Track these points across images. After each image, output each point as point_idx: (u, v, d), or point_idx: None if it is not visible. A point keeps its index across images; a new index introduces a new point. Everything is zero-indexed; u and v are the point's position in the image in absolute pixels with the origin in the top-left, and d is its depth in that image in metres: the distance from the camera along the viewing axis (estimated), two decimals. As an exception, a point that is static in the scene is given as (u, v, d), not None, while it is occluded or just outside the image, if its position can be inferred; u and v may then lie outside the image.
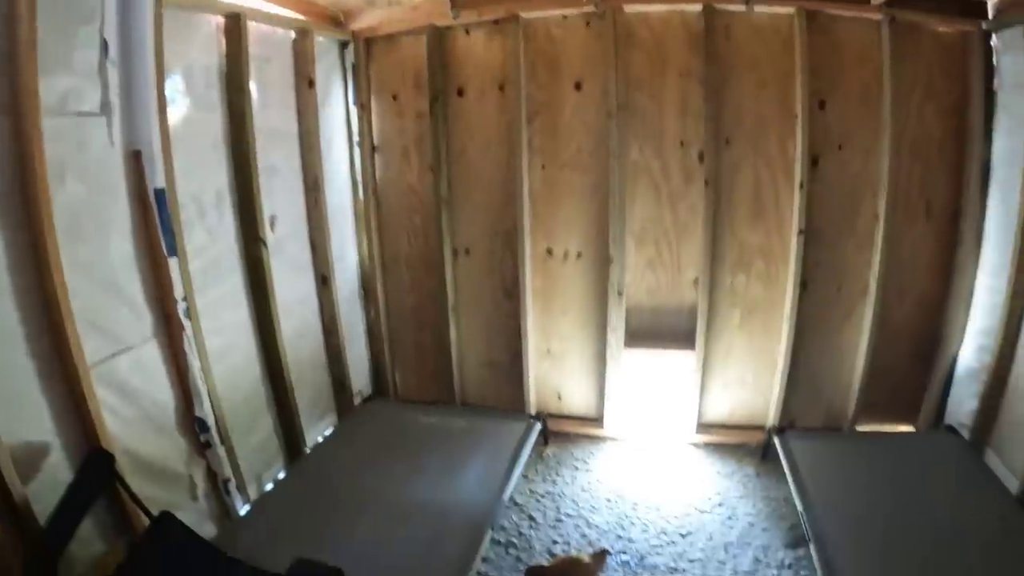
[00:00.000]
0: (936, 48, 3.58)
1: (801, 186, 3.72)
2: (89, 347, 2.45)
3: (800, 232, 3.78)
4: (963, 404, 3.74)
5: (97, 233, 2.58)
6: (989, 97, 3.50)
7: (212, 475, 3.11)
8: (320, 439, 3.99)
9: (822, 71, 3.66)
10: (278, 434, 3.68)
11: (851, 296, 3.92)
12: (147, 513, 2.48)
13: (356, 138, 4.24)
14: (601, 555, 2.59)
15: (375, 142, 4.27)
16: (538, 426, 4.11)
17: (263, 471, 3.52)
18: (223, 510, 3.16)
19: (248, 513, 3.23)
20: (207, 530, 2.98)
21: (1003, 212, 3.45)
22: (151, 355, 2.83)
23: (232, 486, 3.17)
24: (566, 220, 4.17)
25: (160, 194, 2.73)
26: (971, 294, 3.72)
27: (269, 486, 3.52)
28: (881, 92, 3.58)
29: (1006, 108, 3.42)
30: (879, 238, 3.72)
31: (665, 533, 3.47)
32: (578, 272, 4.25)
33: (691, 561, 3.26)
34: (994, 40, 3.43)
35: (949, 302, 3.82)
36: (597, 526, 3.54)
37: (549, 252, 4.24)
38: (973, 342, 3.72)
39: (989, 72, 3.47)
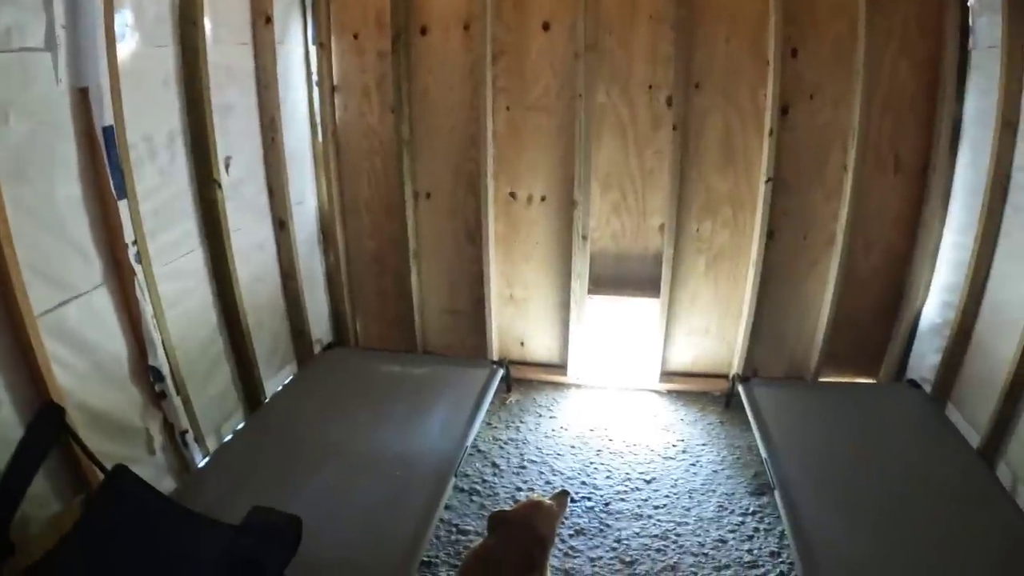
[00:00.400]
0: (913, 3, 3.51)
1: (771, 133, 3.67)
2: (35, 295, 2.32)
3: (768, 180, 3.74)
4: (925, 358, 3.80)
5: (42, 175, 2.42)
6: (964, 56, 3.46)
7: (169, 427, 3.01)
8: (279, 388, 3.90)
9: (796, 18, 3.57)
10: (236, 384, 3.58)
11: (817, 246, 3.92)
12: (102, 468, 2.41)
13: (315, 78, 4.06)
14: (562, 496, 2.59)
15: (335, 82, 4.11)
16: (500, 372, 4.08)
17: (222, 422, 3.44)
18: (181, 463, 3.08)
19: (206, 465, 3.16)
20: (166, 484, 2.90)
21: (972, 172, 3.45)
22: (101, 302, 2.69)
23: (190, 438, 3.09)
24: (530, 163, 4.08)
25: (108, 132, 2.57)
26: (937, 250, 3.75)
27: (228, 438, 3.44)
28: (855, 43, 3.51)
29: (980, 69, 3.39)
30: (847, 189, 3.69)
31: (629, 479, 3.49)
32: (542, 216, 4.18)
33: (656, 507, 3.29)
34: (971, 0, 3.38)
35: (915, 256, 3.83)
36: (561, 472, 3.55)
37: (513, 196, 4.16)
38: (937, 298, 3.76)
39: (965, 31, 3.43)
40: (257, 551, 2.01)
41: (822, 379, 4.09)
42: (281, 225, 3.86)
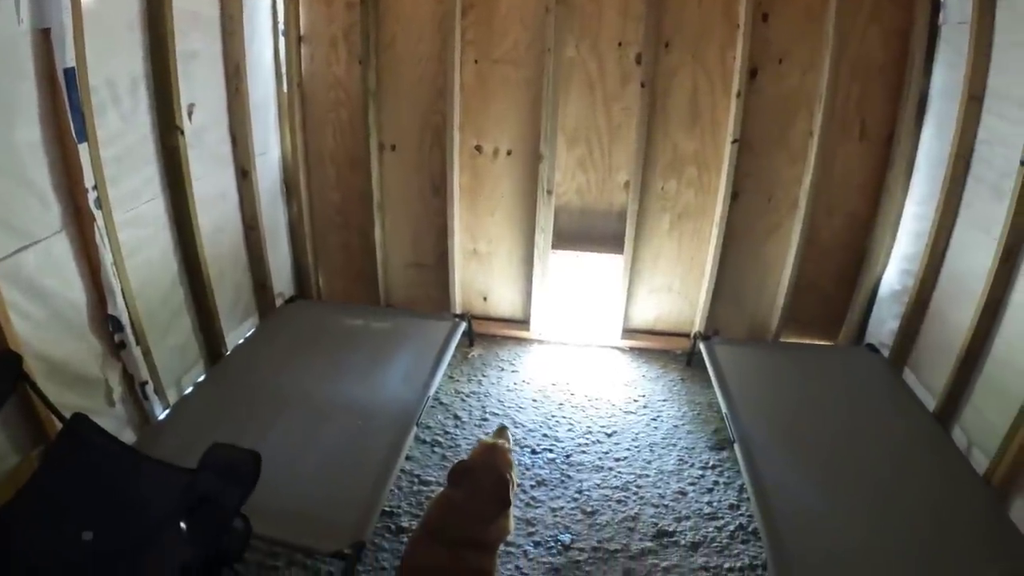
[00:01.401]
0: (885, -27, 3.53)
1: (738, 95, 3.68)
2: (-7, 241, 2.27)
3: (734, 141, 3.77)
4: (884, 324, 3.89)
5: (1, 117, 2.34)
6: (933, 30, 3.49)
7: (129, 378, 2.98)
8: (241, 341, 3.86)
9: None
10: (197, 336, 3.55)
11: (781, 209, 3.97)
12: (60, 417, 2.37)
13: (282, 27, 3.95)
14: (503, 431, 2.64)
15: (301, 32, 4.02)
16: (463, 325, 4.09)
17: (182, 375, 3.41)
18: (142, 416, 3.06)
19: (167, 417, 3.13)
20: (126, 437, 2.87)
21: (937, 144, 3.50)
22: (60, 249, 2.63)
23: (150, 389, 3.06)
24: (497, 117, 4.06)
25: (70, 74, 2.50)
26: (899, 218, 3.81)
27: (189, 390, 3.40)
28: (826, 9, 3.53)
29: (948, 43, 3.42)
30: (812, 154, 3.74)
31: (591, 432, 3.56)
32: (508, 170, 4.17)
33: (617, 460, 3.36)
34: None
35: (876, 224, 3.90)
36: (523, 425, 3.60)
37: (479, 149, 4.14)
38: (897, 265, 3.84)
39: (936, 6, 3.45)
40: (215, 488, 2.00)
41: (782, 340, 4.18)
42: (244, 175, 3.79)
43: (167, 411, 3.18)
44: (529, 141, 4.04)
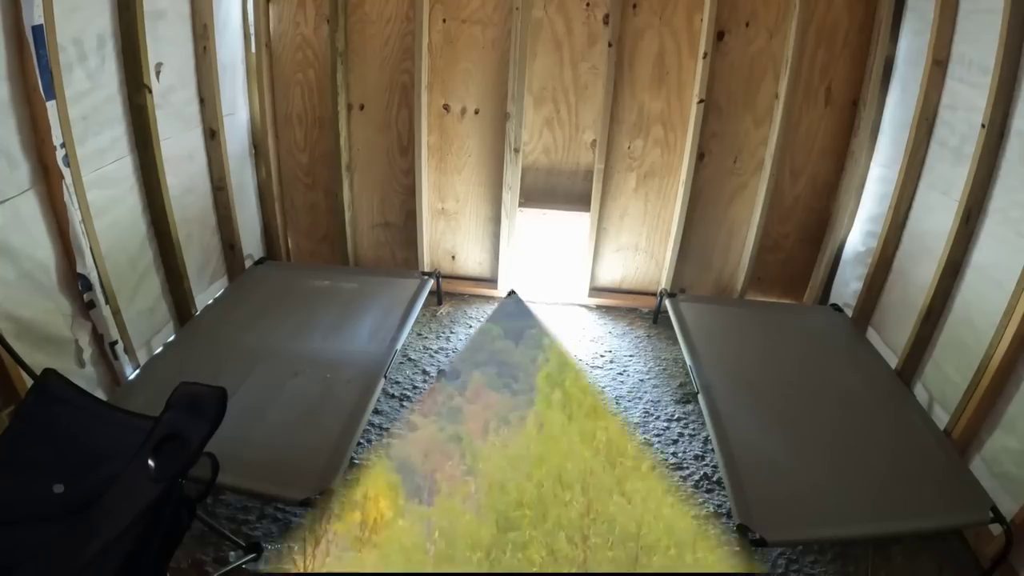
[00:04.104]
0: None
1: (705, 56, 3.72)
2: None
3: (700, 101, 3.81)
4: (848, 285, 3.98)
5: (-32, 75, 2.33)
6: (900, -1, 3.55)
7: (99, 339, 2.98)
8: (210, 302, 3.86)
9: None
10: (166, 298, 3.55)
11: (746, 170, 4.03)
12: (32, 375, 2.37)
13: (249, -14, 3.93)
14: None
15: (269, -9, 3.99)
16: (431, 282, 4.13)
17: (152, 336, 3.42)
18: (112, 377, 3.06)
19: (137, 377, 3.14)
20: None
21: (901, 108, 3.57)
22: (29, 207, 2.61)
23: (120, 349, 3.05)
24: (465, 76, 4.06)
25: (38, 31, 2.47)
26: (863, 181, 3.88)
27: (158, 350, 3.41)
28: (793, -27, 3.58)
29: (914, 9, 3.48)
30: (777, 117, 3.80)
31: (558, 386, 3.61)
32: (475, 129, 4.18)
33: (584, 411, 3.43)
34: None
35: (841, 186, 3.99)
36: (492, 379, 3.65)
37: (446, 108, 4.14)
38: (861, 228, 3.91)
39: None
40: (181, 424, 2.02)
41: (747, 299, 4.27)
42: (212, 135, 3.77)
43: (137, 371, 3.19)
44: (496, 100, 4.06)
